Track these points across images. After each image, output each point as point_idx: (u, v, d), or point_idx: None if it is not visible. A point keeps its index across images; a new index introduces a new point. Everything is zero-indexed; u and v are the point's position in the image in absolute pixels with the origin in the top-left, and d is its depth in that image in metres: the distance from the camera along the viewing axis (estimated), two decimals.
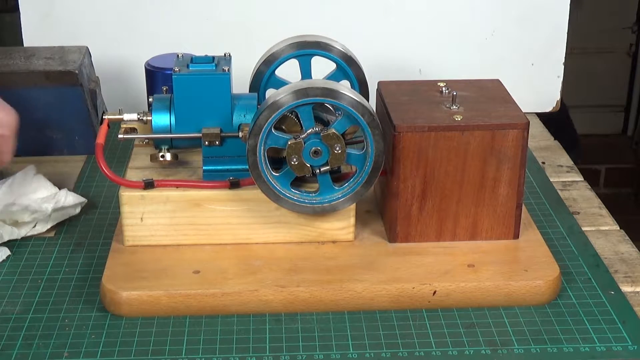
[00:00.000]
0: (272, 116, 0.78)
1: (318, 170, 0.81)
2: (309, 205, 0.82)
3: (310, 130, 0.79)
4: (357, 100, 0.78)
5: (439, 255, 0.83)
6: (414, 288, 0.78)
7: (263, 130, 0.78)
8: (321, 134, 0.79)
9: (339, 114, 0.80)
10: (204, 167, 0.85)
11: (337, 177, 0.83)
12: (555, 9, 1.21)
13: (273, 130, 0.79)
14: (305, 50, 0.90)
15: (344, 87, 0.80)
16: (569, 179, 1.06)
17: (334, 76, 0.91)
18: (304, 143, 0.80)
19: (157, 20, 1.17)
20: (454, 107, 0.84)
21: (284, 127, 0.82)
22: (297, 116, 0.81)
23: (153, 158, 0.87)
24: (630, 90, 2.81)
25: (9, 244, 0.88)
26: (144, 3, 1.16)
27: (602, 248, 0.90)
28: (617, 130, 2.88)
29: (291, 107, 0.78)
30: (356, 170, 0.81)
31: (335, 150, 0.80)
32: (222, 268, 0.81)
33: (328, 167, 0.80)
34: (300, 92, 0.78)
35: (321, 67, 0.92)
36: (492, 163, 0.82)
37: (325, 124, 0.81)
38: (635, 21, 2.74)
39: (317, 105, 0.80)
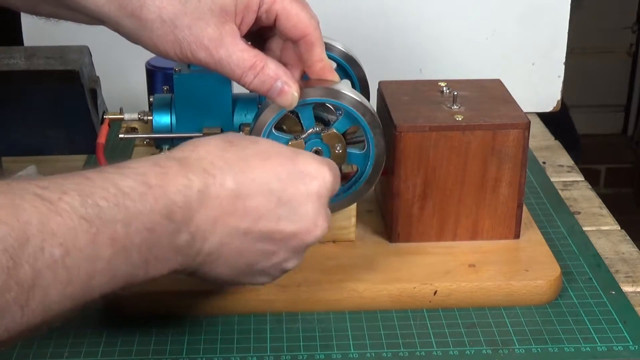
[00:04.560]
0: (273, 117, 0.78)
1: None
2: None
3: (310, 131, 0.79)
4: (358, 100, 0.78)
5: (440, 255, 0.83)
6: (415, 288, 0.78)
7: (264, 130, 0.78)
8: (322, 134, 0.79)
9: (339, 114, 0.80)
10: None
11: None
12: (556, 9, 1.21)
13: (274, 131, 0.79)
14: None
15: (345, 86, 0.79)
16: (570, 179, 1.06)
17: None
18: (305, 143, 0.79)
19: None
20: (455, 106, 0.84)
21: (284, 127, 0.82)
22: (297, 116, 0.81)
23: None
24: (630, 90, 2.81)
25: None
26: None
27: (603, 248, 0.90)
28: (617, 130, 2.88)
29: (272, 125, 0.78)
30: (357, 170, 0.81)
31: (336, 150, 0.80)
32: None
33: None
34: (274, 107, 0.77)
35: None
36: (493, 163, 0.82)
37: (327, 123, 0.81)
38: (635, 21, 2.74)
39: (317, 105, 0.80)
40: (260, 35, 0.79)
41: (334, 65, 0.91)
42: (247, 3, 0.72)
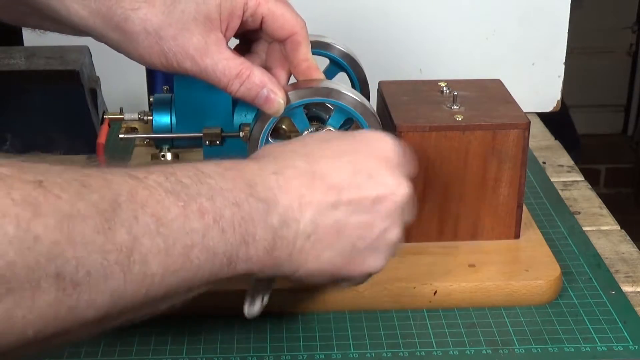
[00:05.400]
0: (265, 127, 0.78)
1: None
2: None
3: (306, 132, 0.79)
4: (346, 94, 0.77)
5: (440, 255, 0.83)
6: (415, 288, 0.78)
7: (260, 142, 0.78)
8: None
9: (331, 110, 0.80)
10: None
11: None
12: (556, 9, 1.21)
13: (270, 139, 0.79)
14: None
15: (332, 83, 0.79)
16: (570, 179, 1.06)
17: (329, 71, 0.90)
18: None
19: None
20: (455, 107, 0.84)
21: (284, 127, 0.82)
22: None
23: (154, 158, 0.87)
24: (630, 90, 2.82)
25: None
26: None
27: (603, 248, 0.90)
28: (617, 130, 2.88)
29: (271, 126, 0.78)
30: None
31: None
32: None
33: None
34: (287, 97, 0.77)
35: (322, 67, 0.91)
36: (493, 163, 0.82)
37: (325, 121, 0.81)
38: (635, 21, 2.74)
39: (313, 104, 0.80)
40: (245, 38, 0.79)
41: (327, 62, 0.91)
42: (231, 10, 0.73)
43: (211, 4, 0.72)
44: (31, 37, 1.17)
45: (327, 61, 0.91)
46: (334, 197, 0.63)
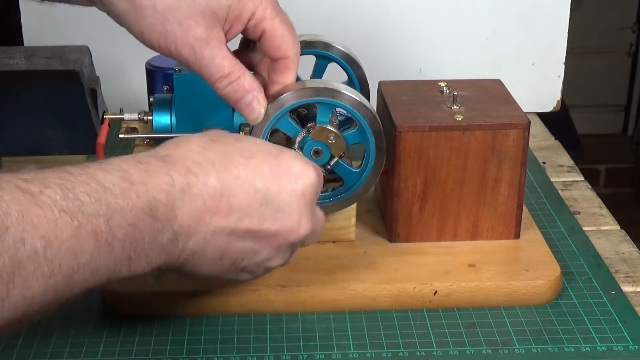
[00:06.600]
0: (265, 126, 0.77)
1: (329, 167, 0.80)
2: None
3: (299, 138, 0.79)
4: (322, 87, 0.76)
5: (440, 255, 0.83)
6: (415, 288, 0.78)
7: None
8: (310, 135, 0.79)
9: (315, 108, 0.79)
10: None
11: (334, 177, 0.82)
12: (556, 9, 1.21)
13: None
14: (306, 49, 0.90)
15: (331, 82, 0.79)
16: (570, 179, 1.06)
17: (317, 67, 0.90)
18: (302, 150, 0.79)
19: None
20: (455, 106, 0.84)
21: (280, 131, 0.82)
22: (296, 115, 0.80)
23: None
24: (630, 90, 2.81)
25: None
26: None
27: (603, 248, 0.90)
28: (617, 130, 2.88)
29: (271, 127, 0.78)
30: (365, 151, 0.81)
31: (330, 140, 0.79)
32: None
33: (336, 158, 0.79)
34: (274, 106, 0.77)
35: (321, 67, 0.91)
36: (493, 163, 0.82)
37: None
38: (635, 21, 2.74)
39: (304, 106, 0.79)
40: (245, 44, 0.79)
41: (335, 65, 0.91)
42: (238, 14, 0.73)
43: (222, 2, 0.72)
44: (31, 37, 1.18)
45: (334, 64, 0.90)
46: (233, 223, 0.64)
